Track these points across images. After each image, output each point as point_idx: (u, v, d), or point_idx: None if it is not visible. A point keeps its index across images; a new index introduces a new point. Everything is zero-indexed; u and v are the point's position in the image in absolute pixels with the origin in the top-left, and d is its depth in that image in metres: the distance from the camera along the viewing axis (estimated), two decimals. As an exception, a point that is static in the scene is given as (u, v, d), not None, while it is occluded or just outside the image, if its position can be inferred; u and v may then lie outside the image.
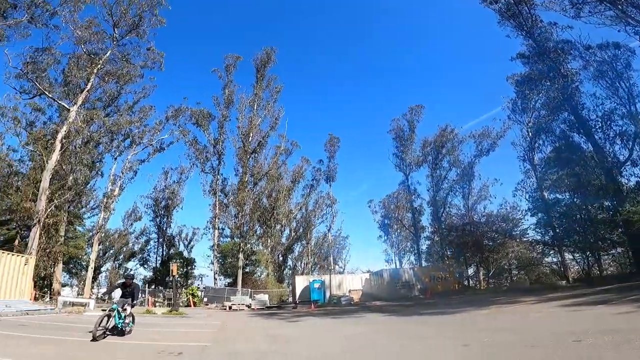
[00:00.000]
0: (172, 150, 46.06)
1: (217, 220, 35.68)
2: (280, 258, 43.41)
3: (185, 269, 36.70)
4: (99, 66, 25.19)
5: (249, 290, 29.52)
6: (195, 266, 39.66)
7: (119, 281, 9.32)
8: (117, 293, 9.12)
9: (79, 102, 24.27)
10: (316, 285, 27.56)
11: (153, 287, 32.46)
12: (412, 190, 39.59)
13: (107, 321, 7.32)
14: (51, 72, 25.03)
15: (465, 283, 32.36)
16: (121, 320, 7.63)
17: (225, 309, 22.81)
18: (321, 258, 47.77)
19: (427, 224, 41.13)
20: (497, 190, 50.81)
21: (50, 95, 24.25)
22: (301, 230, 46.26)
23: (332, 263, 42.18)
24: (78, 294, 20.80)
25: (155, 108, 31.87)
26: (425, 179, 39.02)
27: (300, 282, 30.03)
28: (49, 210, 22.29)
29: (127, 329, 7.92)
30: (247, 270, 36.04)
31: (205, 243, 68.86)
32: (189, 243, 44.41)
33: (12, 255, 15.69)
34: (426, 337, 7.67)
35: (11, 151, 28.16)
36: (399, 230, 48.29)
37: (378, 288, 29.11)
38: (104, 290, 29.56)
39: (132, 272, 8.28)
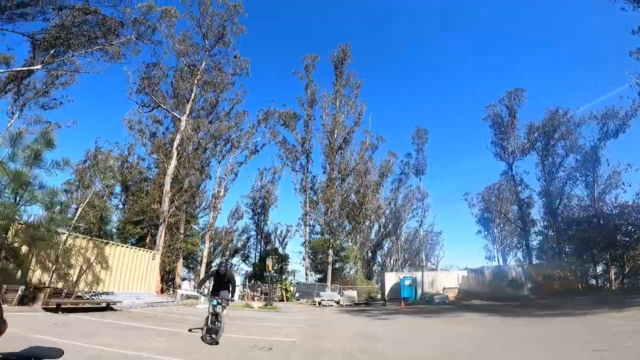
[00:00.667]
0: (266, 151, 49.50)
1: (307, 217, 37.12)
2: (369, 254, 43.14)
3: (279, 265, 39.10)
4: (198, 76, 28.25)
5: (338, 286, 30.04)
6: (288, 262, 41.98)
7: (212, 269, 8.62)
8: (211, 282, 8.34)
9: (187, 112, 27.41)
10: (407, 283, 26.60)
11: (252, 281, 35.45)
12: (518, 180, 34.87)
13: (214, 321, 6.93)
14: (162, 85, 28.78)
15: (592, 282, 27.54)
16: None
17: (315, 305, 23.62)
18: (412, 254, 45.98)
19: (538, 217, 35.96)
20: (631, 177, 41.62)
21: (165, 107, 27.96)
22: (390, 226, 45.20)
23: (424, 259, 40.27)
24: (194, 288, 23.96)
25: (247, 113, 34.32)
26: (535, 168, 34.08)
27: (390, 279, 29.37)
28: (171, 210, 25.54)
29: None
30: (336, 266, 36.72)
31: (298, 240, 72.61)
32: (283, 240, 47.38)
33: (143, 251, 18.33)
34: (543, 339, 6.66)
35: (141, 160, 33.46)
36: (501, 225, 43.51)
37: (478, 286, 26.81)
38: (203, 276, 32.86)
39: (227, 262, 8.10)
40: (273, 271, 26.66)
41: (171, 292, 20.27)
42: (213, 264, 37.41)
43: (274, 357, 5.96)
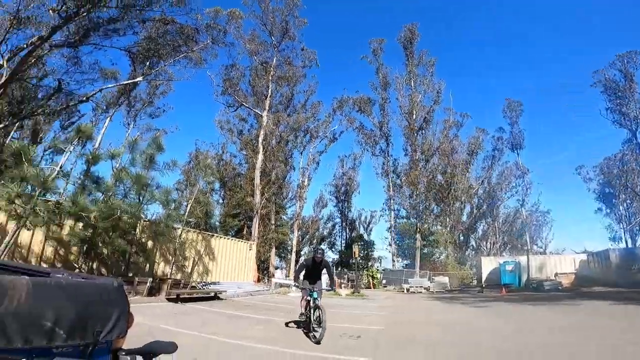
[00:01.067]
0: (344, 138, 49.52)
1: (391, 201, 36.64)
2: (461, 238, 40.43)
3: (365, 252, 39.31)
4: (272, 72, 29.90)
5: (427, 272, 28.94)
6: (374, 248, 41.86)
7: (307, 257, 7.96)
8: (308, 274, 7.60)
9: (267, 108, 29.27)
10: (508, 268, 24.39)
11: (339, 269, 36.31)
12: (647, 148, 29.15)
13: (314, 313, 6.41)
14: (242, 85, 31.24)
15: None
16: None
17: (402, 292, 23.23)
18: (513, 237, 41.63)
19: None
20: None
21: (247, 105, 30.41)
22: (485, 206, 41.57)
23: (528, 242, 36.04)
24: (286, 276, 25.68)
25: (322, 103, 35.06)
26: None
27: (487, 264, 27.26)
28: (262, 202, 27.68)
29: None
30: (424, 251, 35.37)
31: (383, 225, 72.05)
32: (368, 226, 47.35)
33: (242, 242, 20.11)
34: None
35: (233, 157, 36.97)
36: (628, 201, 36.49)
37: (601, 271, 23.25)
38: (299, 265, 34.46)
39: (322, 249, 7.51)
40: (359, 258, 26.91)
41: (266, 280, 22.04)
42: (302, 252, 39.43)
43: (363, 345, 6.00)
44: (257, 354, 5.04)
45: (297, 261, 32.65)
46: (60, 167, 10.25)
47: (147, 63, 22.88)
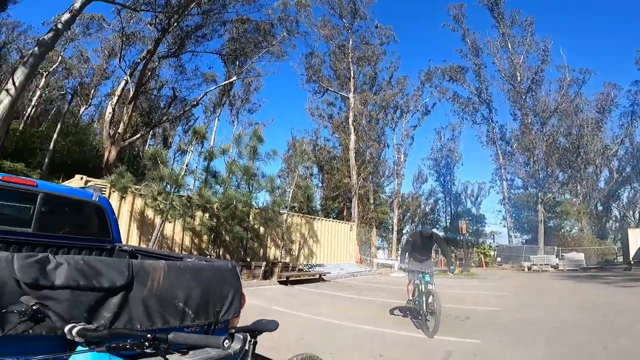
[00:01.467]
0: (437, 110, 46.46)
1: (502, 171, 33.54)
2: (599, 207, 33.94)
3: (474, 227, 36.58)
4: (350, 54, 29.73)
5: (555, 248, 25.21)
6: (485, 223, 38.63)
7: (413, 232, 6.56)
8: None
9: (352, 89, 29.58)
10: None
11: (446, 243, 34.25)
12: None
13: (426, 300, 5.46)
14: (324, 71, 32.07)
15: None
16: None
17: (522, 270, 20.86)
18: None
19: None
20: None
21: (332, 90, 31.28)
22: (628, 169, 33.98)
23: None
24: (388, 256, 25.67)
25: (408, 77, 34.06)
26: None
27: (637, 237, 22.43)
28: (359, 182, 28.23)
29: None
30: (550, 224, 30.94)
31: (494, 197, 65.10)
32: (476, 199, 43.69)
33: (342, 223, 20.66)
34: None
35: (326, 141, 38.08)
36: None
37: None
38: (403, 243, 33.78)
39: (430, 222, 6.29)
40: (467, 234, 25.10)
41: (368, 261, 22.46)
42: (403, 232, 38.71)
43: (471, 327, 5.66)
44: (359, 334, 5.22)
45: (399, 240, 32.30)
46: (187, 166, 12.01)
47: (237, 62, 25.28)
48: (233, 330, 2.35)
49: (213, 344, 1.21)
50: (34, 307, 1.30)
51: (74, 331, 1.17)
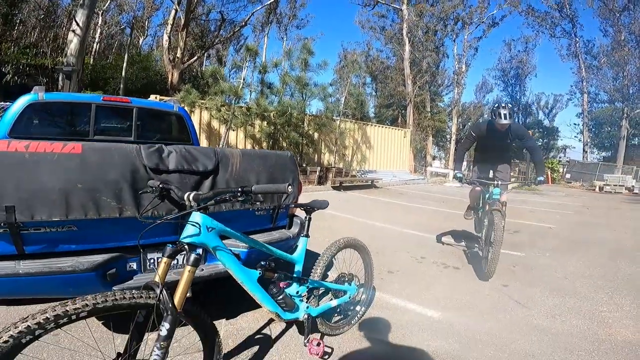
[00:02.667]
0: (508, 22, 39.96)
1: (584, 84, 29.98)
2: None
3: (544, 140, 33.76)
4: None
5: (634, 168, 22.72)
6: (558, 137, 35.27)
7: (476, 125, 3.47)
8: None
9: (405, 1, 27.34)
10: None
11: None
12: None
13: (487, 224, 3.84)
14: None
15: None
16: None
17: (593, 189, 19.42)
18: None
19: None
20: None
21: (383, 2, 29.06)
22: None
23: None
24: (445, 166, 25.20)
25: None
26: None
27: None
28: (414, 91, 27.49)
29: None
30: (634, 142, 27.58)
31: (571, 110, 58.42)
32: (550, 111, 39.43)
33: (395, 129, 20.16)
34: None
35: (379, 52, 36.19)
36: None
37: None
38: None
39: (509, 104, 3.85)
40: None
41: (422, 170, 22.32)
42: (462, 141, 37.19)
43: (518, 241, 5.68)
44: (405, 238, 5.60)
45: (456, 150, 31.24)
46: (243, 79, 12.65)
47: None
48: (294, 208, 2.78)
49: (282, 189, 1.54)
50: (160, 186, 1.63)
51: (191, 197, 1.46)
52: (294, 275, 2.00)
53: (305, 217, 2.14)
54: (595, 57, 29.80)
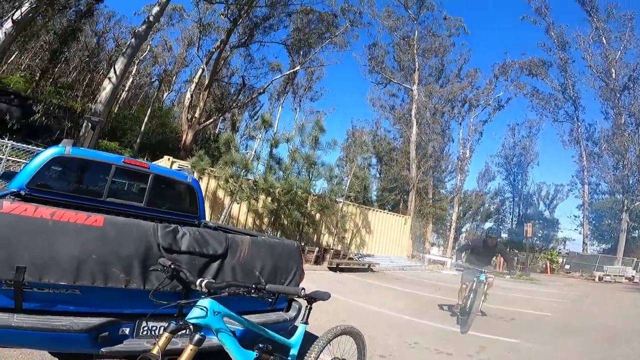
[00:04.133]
0: (513, 106, 43.39)
1: (585, 173, 30.72)
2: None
3: (544, 231, 33.82)
4: (415, 46, 28.84)
5: (635, 260, 22.46)
6: (558, 228, 35.29)
7: (474, 239, 6.70)
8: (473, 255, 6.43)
9: (416, 81, 28.91)
10: None
11: (508, 249, 32.14)
12: None
13: (473, 298, 5.26)
14: (387, 62, 31.53)
15: None
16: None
17: (592, 279, 19.12)
18: None
19: None
20: None
21: (395, 81, 30.86)
22: None
23: None
24: (443, 254, 25.02)
25: (480, 70, 32.34)
26: None
27: None
28: (418, 176, 27.65)
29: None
30: (634, 235, 27.60)
31: (572, 201, 59.22)
32: (551, 202, 39.82)
33: (397, 215, 20.46)
34: None
35: (387, 132, 37.74)
36: None
37: None
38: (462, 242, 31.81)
39: (496, 231, 6.56)
40: (533, 238, 23.47)
41: (420, 256, 22.17)
42: (462, 230, 37.10)
43: (514, 328, 5.69)
44: (399, 322, 5.64)
45: (455, 238, 31.09)
46: (255, 152, 13.11)
47: (301, 52, 26.33)
48: (296, 296, 2.66)
49: (293, 292, 1.69)
50: (172, 266, 1.72)
51: (203, 284, 1.56)
52: (289, 358, 2.02)
53: (306, 306, 2.14)
54: (596, 143, 30.43)
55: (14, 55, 25.02)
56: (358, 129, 37.47)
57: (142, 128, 23.47)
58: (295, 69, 27.25)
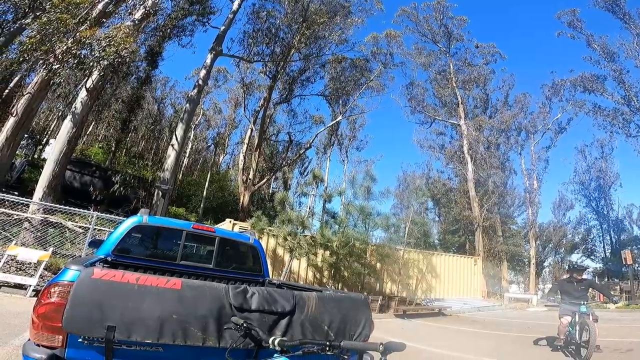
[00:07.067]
0: (576, 127, 40.16)
1: None
2: None
3: (647, 255, 28.91)
4: (453, 79, 28.46)
5: None
6: (661, 250, 29.85)
7: (560, 280, 6.56)
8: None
9: (462, 116, 27.91)
10: None
11: (605, 279, 27.94)
12: None
13: (580, 332, 5.42)
14: (428, 99, 30.99)
15: None
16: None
17: None
18: None
19: None
20: None
21: (440, 119, 30.13)
22: None
23: None
24: (525, 291, 22.38)
25: (529, 94, 30.74)
26: None
27: None
28: (482, 214, 25.91)
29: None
30: None
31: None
32: (646, 224, 34.40)
33: (464, 257, 19.49)
34: None
35: (440, 173, 36.17)
36: None
37: None
38: (549, 285, 29.09)
39: (579, 263, 6.52)
40: (637, 265, 20.19)
41: (497, 295, 20.18)
42: (544, 264, 33.13)
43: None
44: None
45: (538, 274, 27.79)
46: (309, 207, 13.73)
47: (340, 101, 27.24)
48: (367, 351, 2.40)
49: (371, 348, 1.58)
50: (244, 325, 1.77)
51: (276, 342, 1.57)
52: None
53: (380, 358, 2.15)
54: (682, 154, 25.91)
55: (91, 126, 28.38)
56: (409, 174, 36.88)
57: (204, 193, 25.15)
58: (338, 119, 27.98)
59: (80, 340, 1.82)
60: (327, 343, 1.61)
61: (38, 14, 9.99)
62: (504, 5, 62.74)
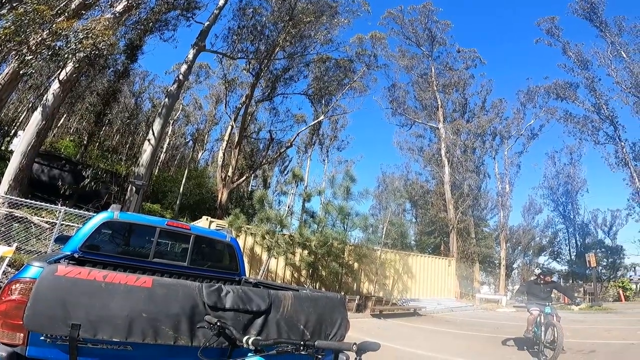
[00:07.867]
0: (548, 133, 41.96)
1: None
2: None
3: (608, 259, 30.72)
4: (434, 83, 28.95)
5: None
6: (624, 255, 31.75)
7: (527, 282, 7.20)
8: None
9: (441, 119, 28.37)
10: None
11: (570, 281, 29.34)
12: None
13: (545, 332, 5.64)
14: (409, 102, 31.37)
15: None
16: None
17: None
18: None
19: None
20: None
21: (419, 121, 30.53)
22: None
23: None
24: (495, 292, 23.19)
25: (505, 100, 31.44)
26: None
27: None
28: (457, 217, 26.51)
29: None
30: None
31: (634, 226, 53.67)
32: (610, 229, 36.42)
33: (439, 258, 19.88)
34: None
35: (418, 175, 36.58)
36: None
37: None
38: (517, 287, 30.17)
39: (548, 267, 6.84)
40: (600, 267, 21.36)
41: (470, 296, 20.85)
42: (514, 266, 34.42)
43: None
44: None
45: (507, 275, 28.83)
46: (288, 207, 13.59)
47: (323, 101, 27.09)
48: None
49: (345, 348, 1.58)
50: (218, 324, 1.74)
51: (250, 341, 1.57)
52: None
53: (355, 358, 2.06)
54: (646, 163, 27.17)
55: (62, 118, 26.97)
56: (388, 175, 37.25)
57: (181, 189, 24.41)
58: (319, 119, 27.83)
59: (42, 338, 1.77)
60: (302, 342, 1.60)
61: (15, 4, 9.51)
62: (488, 8, 65.01)
